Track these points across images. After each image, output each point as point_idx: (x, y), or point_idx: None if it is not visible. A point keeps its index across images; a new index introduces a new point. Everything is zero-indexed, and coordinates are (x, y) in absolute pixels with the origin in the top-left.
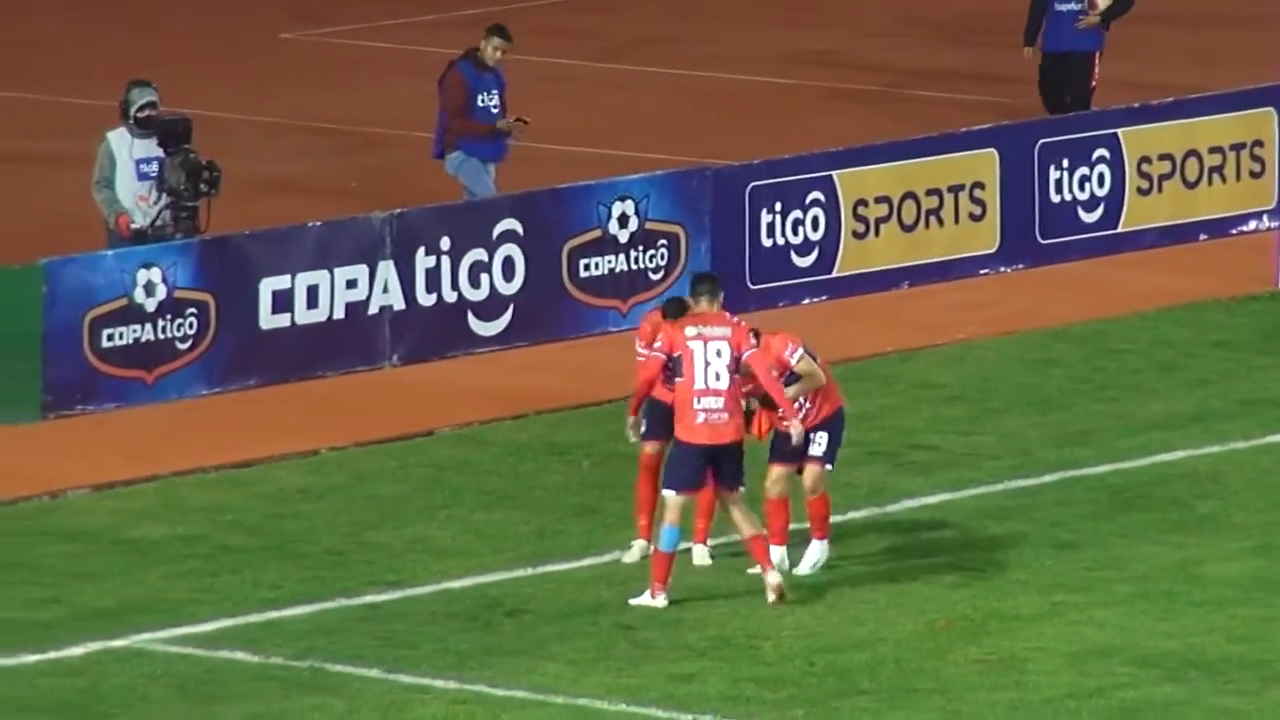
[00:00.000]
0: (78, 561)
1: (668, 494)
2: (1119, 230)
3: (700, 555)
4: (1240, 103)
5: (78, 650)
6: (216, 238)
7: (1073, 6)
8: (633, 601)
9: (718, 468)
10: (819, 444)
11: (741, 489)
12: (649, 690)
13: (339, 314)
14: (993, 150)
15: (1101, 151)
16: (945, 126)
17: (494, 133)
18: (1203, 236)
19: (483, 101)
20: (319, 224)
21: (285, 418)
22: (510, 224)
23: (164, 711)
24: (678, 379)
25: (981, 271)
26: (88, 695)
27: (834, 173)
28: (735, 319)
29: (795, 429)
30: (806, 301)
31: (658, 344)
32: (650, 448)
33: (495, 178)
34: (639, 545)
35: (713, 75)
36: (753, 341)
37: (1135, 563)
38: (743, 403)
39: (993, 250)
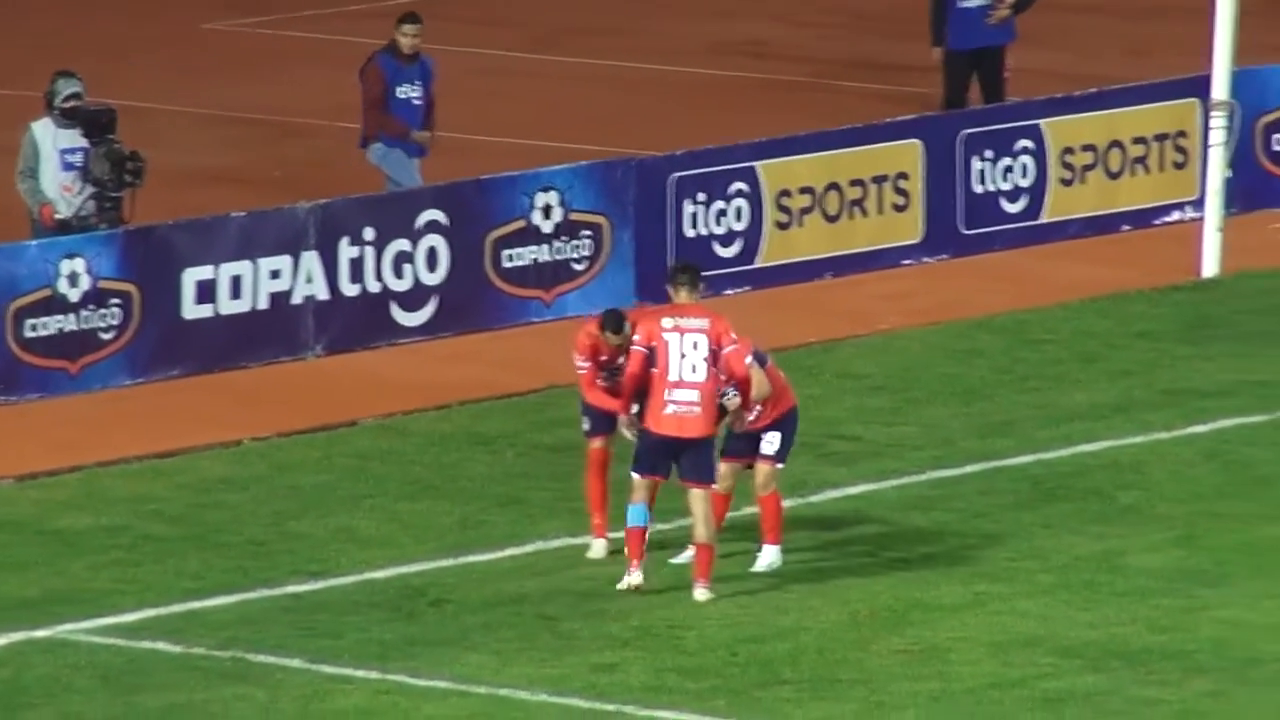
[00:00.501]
0: (1, 552)
1: (634, 475)
2: (1042, 221)
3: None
4: (1164, 93)
5: (0, 641)
6: (140, 228)
7: (979, 2)
8: (620, 586)
9: (681, 462)
10: (771, 443)
11: (709, 487)
12: (571, 680)
13: (263, 304)
14: (917, 141)
15: (1025, 142)
16: (869, 117)
17: (405, 133)
18: (1126, 227)
19: (403, 94)
20: (243, 214)
21: (208, 408)
22: (434, 214)
23: (87, 702)
24: (652, 369)
25: (905, 262)
26: (10, 685)
27: (757, 163)
28: (714, 311)
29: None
30: (729, 292)
31: (638, 336)
32: (597, 443)
33: (420, 168)
34: (600, 544)
35: (639, 66)
36: (733, 337)
37: (1057, 553)
38: (723, 394)
39: (916, 241)
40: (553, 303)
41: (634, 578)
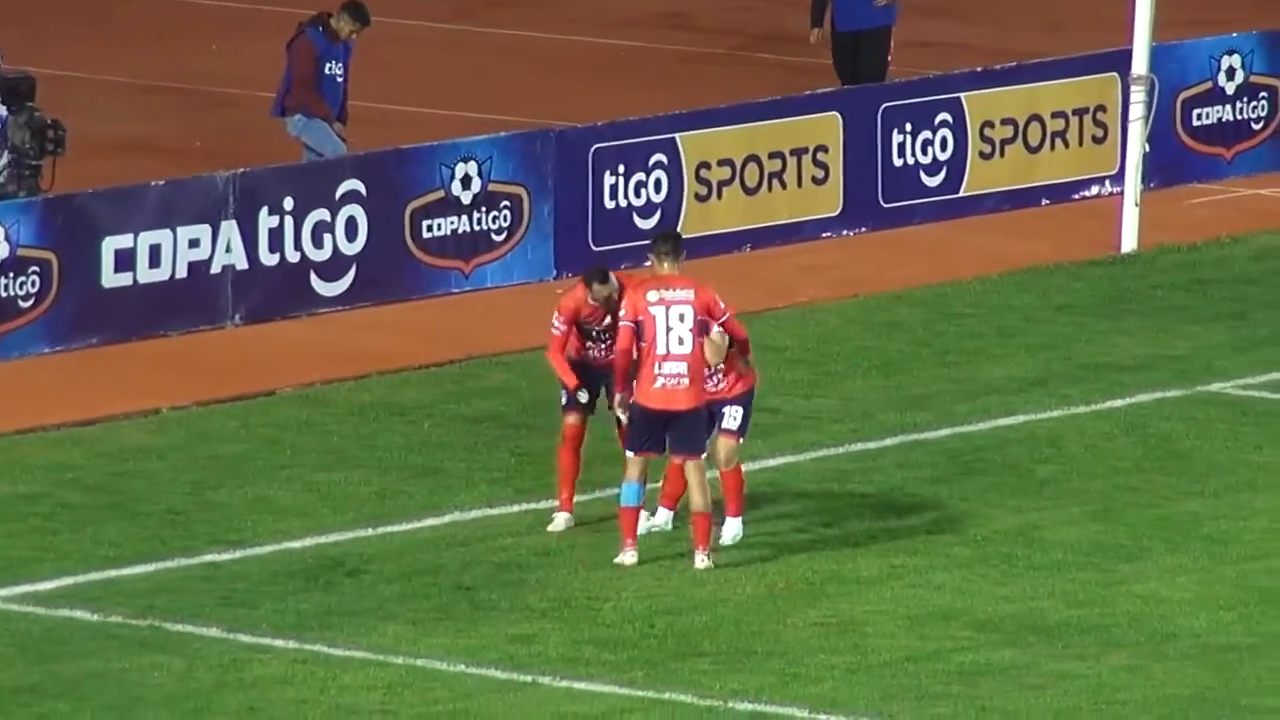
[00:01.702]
0: None
1: (628, 453)
2: (961, 194)
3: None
4: (1084, 68)
5: None
6: (59, 196)
7: None
8: (616, 561)
9: (672, 434)
10: (733, 418)
11: (700, 457)
12: (488, 651)
13: (181, 273)
14: (836, 114)
15: (944, 116)
16: (789, 90)
17: (329, 117)
18: (1045, 201)
19: (329, 70)
20: (162, 183)
21: (127, 377)
22: (353, 184)
23: (3, 669)
24: (640, 343)
25: (824, 235)
26: None
27: (677, 135)
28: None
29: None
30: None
31: (623, 310)
32: (572, 419)
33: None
34: (562, 517)
35: (559, 37)
36: (722, 307)
37: (975, 527)
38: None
39: (835, 214)
40: (471, 273)
41: (628, 556)
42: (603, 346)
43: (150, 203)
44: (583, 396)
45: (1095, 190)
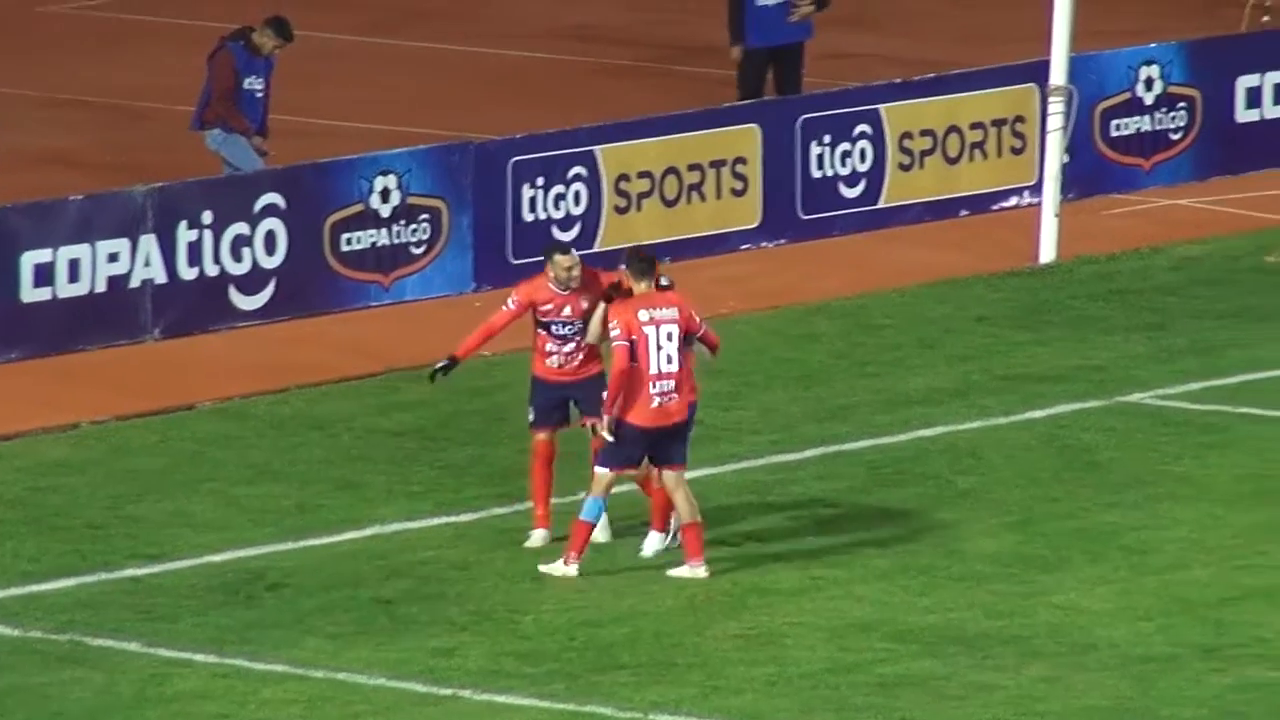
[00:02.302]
0: None
1: (602, 471)
2: (880, 206)
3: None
4: (1002, 79)
5: None
6: None
7: (777, 0)
8: (542, 568)
9: (661, 447)
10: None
11: (684, 467)
12: (409, 664)
13: (100, 288)
14: (755, 125)
15: (863, 127)
16: (708, 102)
17: (249, 132)
18: (964, 212)
19: (249, 85)
20: (81, 197)
21: (46, 391)
22: (273, 198)
23: None
24: (633, 364)
25: (743, 246)
26: None
27: (596, 147)
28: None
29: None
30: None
31: (616, 331)
32: (541, 435)
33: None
34: (539, 534)
35: (482, 50)
36: (699, 321)
37: (894, 538)
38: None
39: (755, 225)
40: (391, 286)
41: (570, 569)
42: (568, 349)
43: (69, 217)
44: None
45: (1014, 201)
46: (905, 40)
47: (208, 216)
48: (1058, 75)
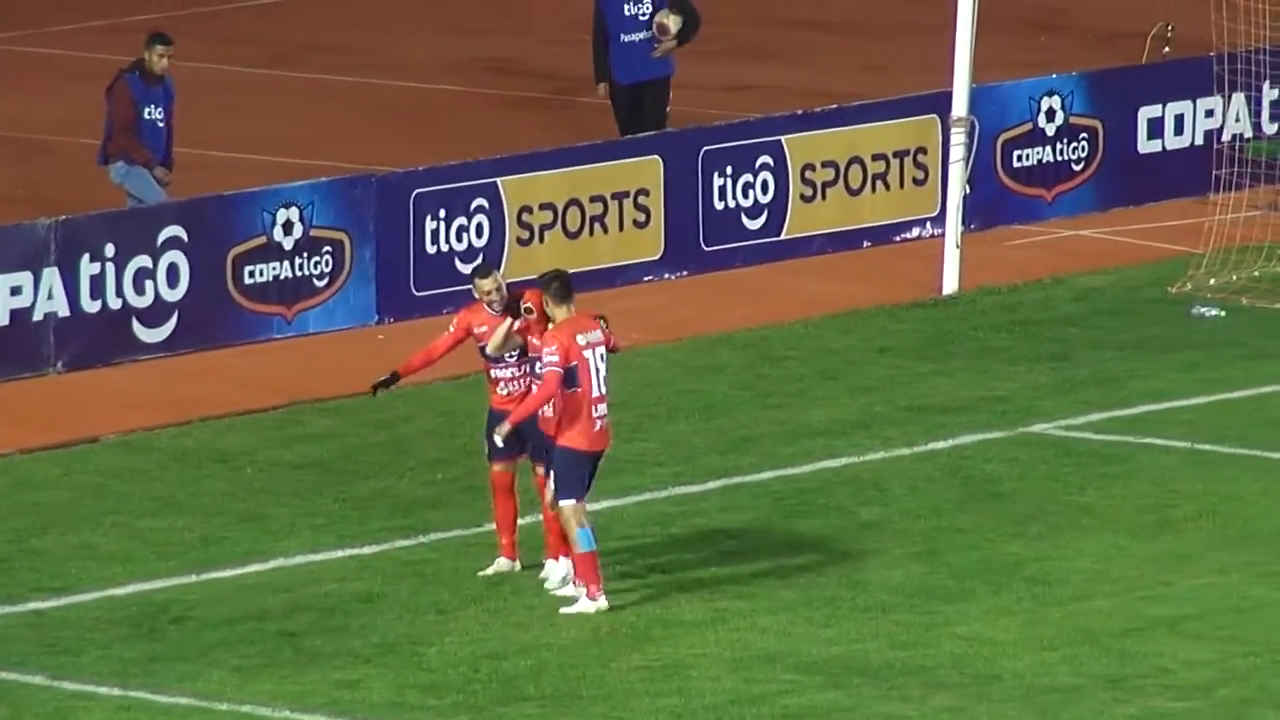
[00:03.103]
0: None
1: (568, 504)
2: (783, 237)
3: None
4: (904, 110)
5: None
6: None
7: (641, 36)
8: (567, 611)
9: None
10: None
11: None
12: (313, 696)
13: (3, 320)
14: (657, 157)
15: (765, 158)
16: (611, 134)
17: (150, 162)
18: (867, 243)
19: (149, 114)
20: None
21: None
22: (175, 230)
23: None
24: (573, 389)
25: (646, 278)
26: None
27: (499, 179)
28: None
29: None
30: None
31: (553, 356)
32: (498, 468)
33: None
34: (503, 562)
35: (383, 83)
36: (613, 339)
37: (799, 569)
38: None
39: (657, 257)
40: (294, 319)
41: (601, 602)
42: (508, 374)
43: None
44: (508, 433)
45: (916, 232)
46: (807, 71)
47: (110, 249)
48: (959, 106)
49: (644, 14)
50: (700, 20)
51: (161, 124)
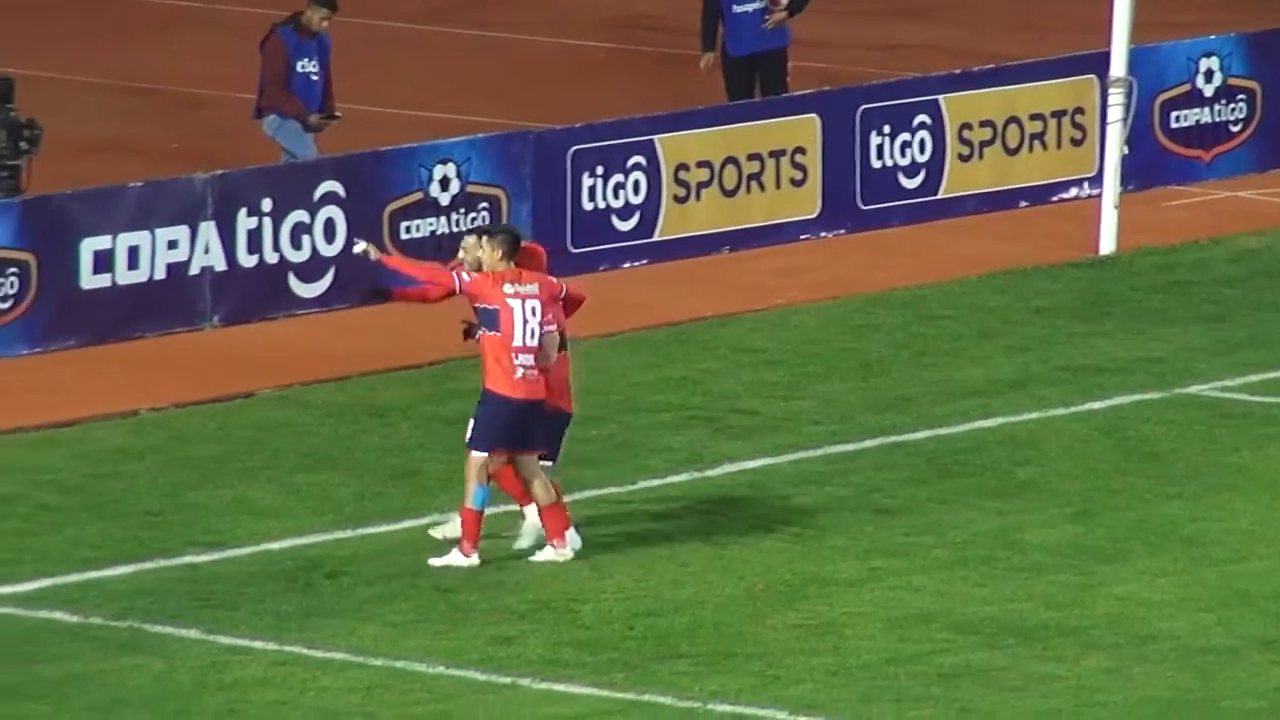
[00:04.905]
0: None
1: (477, 455)
2: (940, 196)
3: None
4: (1062, 70)
5: None
6: (38, 197)
7: (754, 7)
8: (435, 562)
9: (527, 426)
10: None
11: (539, 455)
12: (468, 653)
13: (160, 274)
14: (814, 115)
15: (923, 118)
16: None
17: (302, 114)
18: (1023, 203)
19: (302, 68)
20: (140, 184)
21: (105, 378)
22: (332, 186)
23: None
24: (490, 332)
25: (802, 237)
26: None
27: (656, 137)
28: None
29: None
30: (627, 265)
31: (466, 277)
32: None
33: (315, 140)
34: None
35: (537, 39)
36: (560, 285)
37: (953, 529)
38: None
39: (814, 216)
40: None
41: (473, 559)
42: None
43: (129, 204)
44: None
45: (1073, 192)
46: (963, 31)
47: (267, 204)
48: (1118, 67)
49: None
50: None
51: (316, 77)
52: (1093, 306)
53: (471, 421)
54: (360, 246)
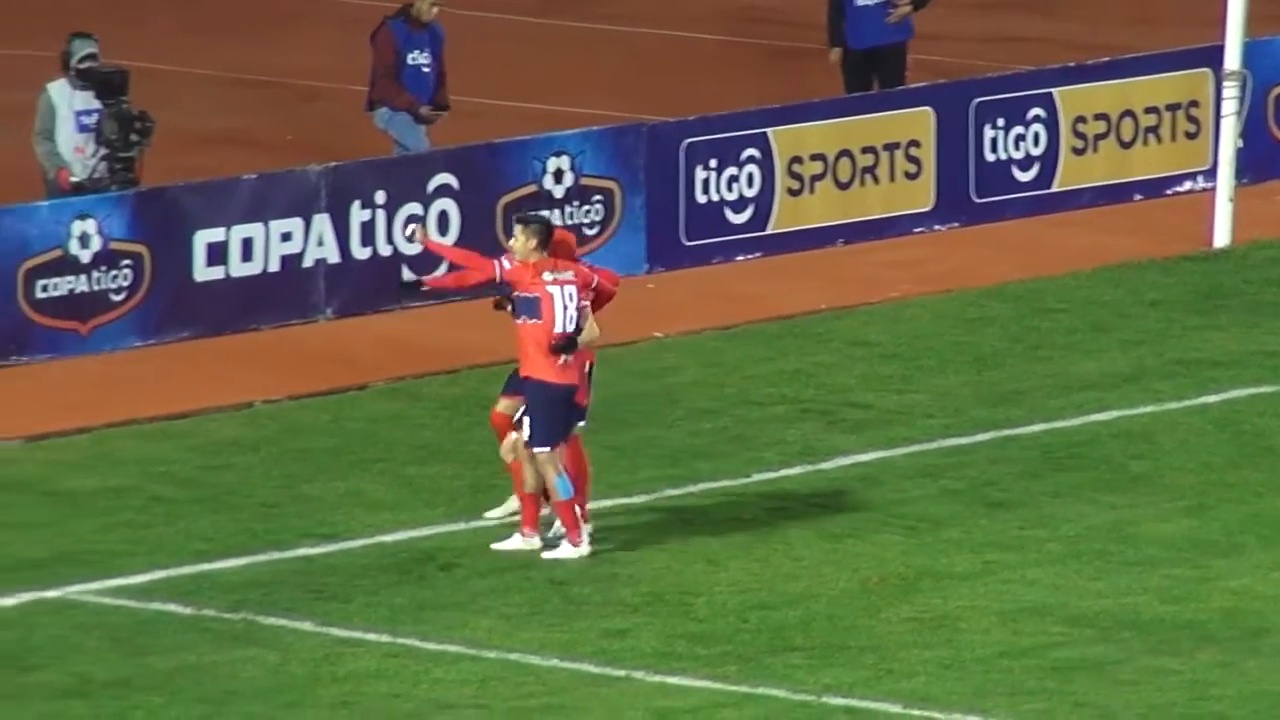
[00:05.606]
0: (8, 512)
1: (543, 453)
2: (1054, 190)
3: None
4: (1176, 63)
5: (9, 601)
6: (152, 189)
7: (875, 0)
8: (547, 555)
9: (569, 417)
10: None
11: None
12: (582, 645)
13: (274, 267)
14: (928, 108)
15: (1037, 111)
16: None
17: (413, 106)
18: (1138, 196)
19: (413, 60)
20: (254, 176)
21: (219, 370)
22: (445, 178)
23: (96, 663)
24: (531, 320)
25: (916, 230)
26: (20, 646)
27: (769, 130)
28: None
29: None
30: (741, 258)
31: (509, 265)
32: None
33: (427, 133)
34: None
35: (650, 32)
36: (593, 274)
37: (1068, 522)
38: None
39: (928, 208)
40: None
41: (584, 548)
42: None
43: (242, 196)
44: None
45: (1188, 186)
46: (1078, 24)
47: (381, 196)
48: (1232, 60)
49: None
50: None
51: (427, 69)
52: (1207, 300)
53: (527, 420)
54: (410, 229)
